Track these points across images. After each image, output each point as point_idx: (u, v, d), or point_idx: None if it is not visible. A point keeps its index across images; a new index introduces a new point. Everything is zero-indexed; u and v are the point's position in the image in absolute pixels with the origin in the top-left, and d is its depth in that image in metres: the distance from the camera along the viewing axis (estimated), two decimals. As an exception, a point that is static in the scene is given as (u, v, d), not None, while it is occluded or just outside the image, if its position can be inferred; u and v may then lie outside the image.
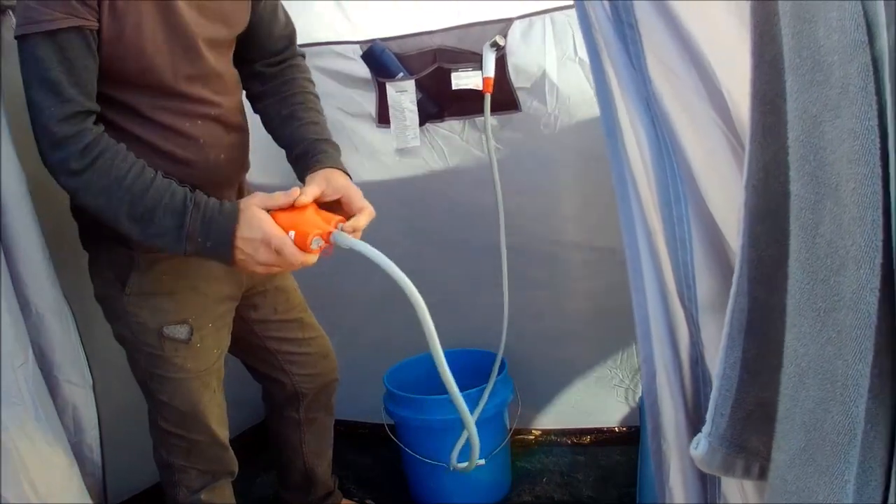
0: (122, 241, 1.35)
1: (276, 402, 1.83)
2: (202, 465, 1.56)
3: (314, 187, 1.33)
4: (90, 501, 1.45)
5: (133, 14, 1.23)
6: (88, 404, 1.49)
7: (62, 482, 1.38)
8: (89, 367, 1.50)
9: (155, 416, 1.53)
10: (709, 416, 0.72)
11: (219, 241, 1.23)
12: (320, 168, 1.41)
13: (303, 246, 1.25)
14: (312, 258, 1.26)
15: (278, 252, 1.23)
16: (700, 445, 0.73)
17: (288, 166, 1.59)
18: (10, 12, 1.53)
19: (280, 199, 1.27)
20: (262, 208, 1.25)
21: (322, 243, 1.27)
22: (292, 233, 1.25)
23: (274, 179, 1.96)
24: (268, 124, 1.59)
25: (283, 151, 1.58)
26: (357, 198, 1.40)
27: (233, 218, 1.23)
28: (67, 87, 1.18)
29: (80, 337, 1.49)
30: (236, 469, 1.64)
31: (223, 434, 1.58)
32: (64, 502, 1.36)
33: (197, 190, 1.27)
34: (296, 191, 1.28)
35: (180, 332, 1.43)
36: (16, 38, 1.20)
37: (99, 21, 1.20)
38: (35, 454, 1.32)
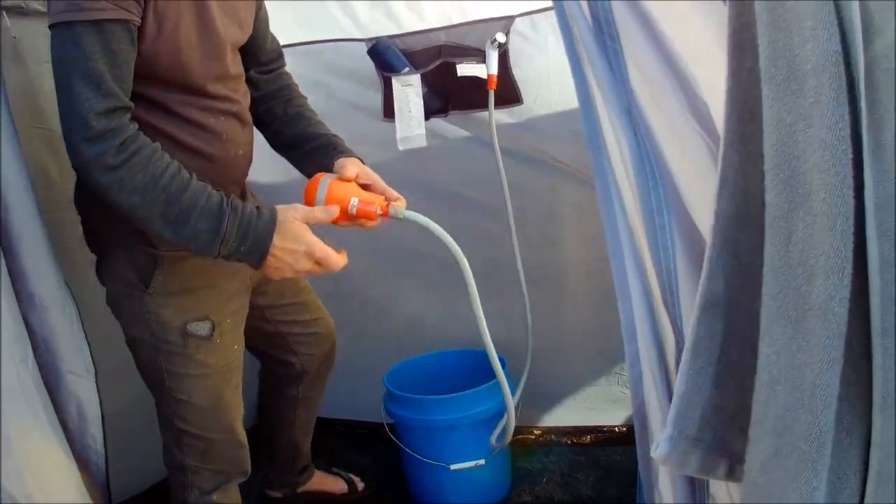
0: (146, 241, 1.36)
1: (277, 381, 1.86)
2: (217, 466, 1.56)
3: (352, 167, 1.40)
4: (87, 499, 1.46)
5: (173, 14, 1.24)
6: (91, 394, 1.50)
7: (61, 479, 1.40)
8: (92, 357, 1.50)
9: (170, 417, 1.50)
10: (670, 420, 0.73)
11: (255, 248, 1.23)
12: (347, 157, 1.48)
13: (365, 214, 1.35)
14: (346, 263, 1.32)
15: (320, 263, 1.26)
16: (660, 448, 0.74)
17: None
18: (4, 13, 1.54)
19: (320, 215, 1.30)
20: (303, 222, 1.27)
21: (381, 212, 1.37)
22: (355, 200, 1.34)
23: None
24: (268, 124, 1.62)
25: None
26: (389, 188, 1.48)
27: (271, 226, 1.23)
28: (109, 80, 1.15)
29: (83, 328, 1.50)
30: (249, 468, 1.64)
31: (241, 431, 1.58)
32: (63, 498, 1.38)
33: (231, 195, 1.27)
34: (335, 209, 1.31)
35: (203, 328, 1.43)
36: (52, 25, 1.16)
37: (142, 18, 1.19)
38: (36, 449, 1.34)
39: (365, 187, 1.43)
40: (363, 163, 1.49)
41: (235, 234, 1.21)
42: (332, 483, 2.16)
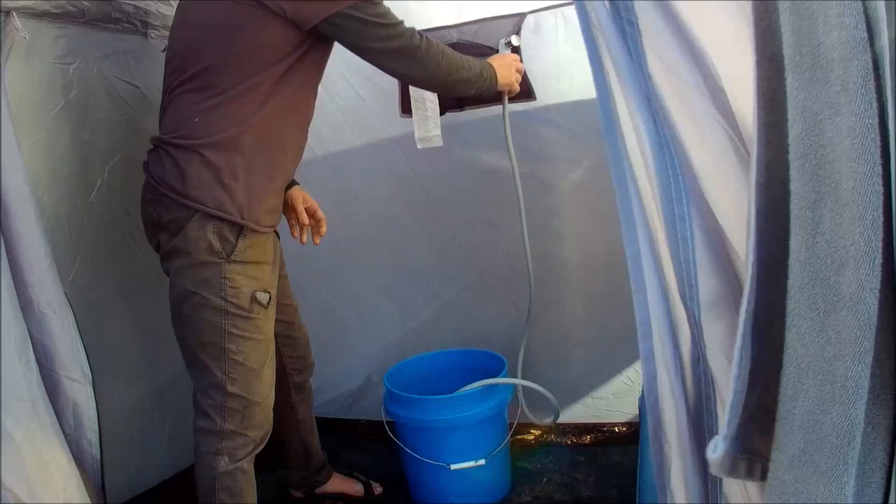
0: (235, 214, 1.56)
1: None
2: (252, 432, 1.67)
3: (297, 193, 1.90)
4: (88, 500, 1.47)
5: None
6: (88, 400, 1.53)
7: (64, 481, 1.41)
8: (89, 363, 1.54)
9: (220, 381, 1.61)
10: (726, 419, 0.71)
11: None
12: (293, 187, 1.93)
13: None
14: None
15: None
16: (718, 448, 0.72)
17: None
18: (14, 14, 1.55)
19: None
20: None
21: None
22: None
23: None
24: None
25: None
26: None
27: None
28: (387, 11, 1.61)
29: (80, 334, 1.53)
30: (271, 428, 1.74)
31: (272, 396, 1.74)
32: (66, 500, 1.40)
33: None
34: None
35: (264, 298, 1.63)
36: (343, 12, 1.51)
37: None
38: (40, 452, 1.36)
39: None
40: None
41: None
42: (350, 486, 2.23)
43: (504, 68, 1.82)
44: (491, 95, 1.82)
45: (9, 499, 1.28)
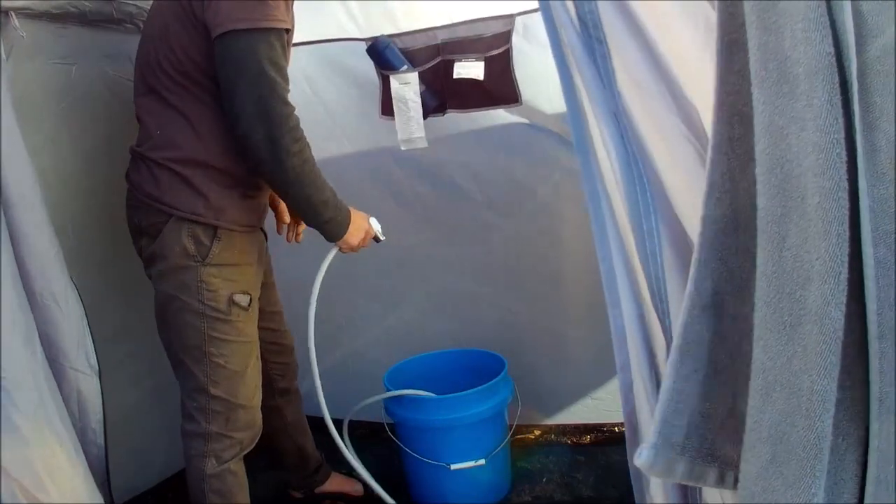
0: (208, 216, 1.57)
1: None
2: (237, 434, 1.68)
3: None
4: (95, 489, 1.49)
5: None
6: (93, 391, 1.56)
7: (71, 471, 1.43)
8: (96, 355, 1.56)
9: (203, 384, 1.63)
10: (654, 429, 0.72)
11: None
12: None
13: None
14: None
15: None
16: (643, 455, 0.73)
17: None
18: (12, 14, 1.56)
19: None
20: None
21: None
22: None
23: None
24: None
25: None
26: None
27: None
28: (286, 72, 1.49)
29: (89, 325, 1.55)
30: (261, 429, 1.75)
31: (259, 398, 1.75)
32: (72, 490, 1.42)
33: None
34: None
35: (244, 300, 1.64)
36: (243, 29, 1.42)
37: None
38: (47, 443, 1.38)
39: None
40: None
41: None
42: (349, 485, 2.24)
43: (357, 227, 1.76)
44: (334, 236, 1.73)
45: (14, 488, 1.29)
